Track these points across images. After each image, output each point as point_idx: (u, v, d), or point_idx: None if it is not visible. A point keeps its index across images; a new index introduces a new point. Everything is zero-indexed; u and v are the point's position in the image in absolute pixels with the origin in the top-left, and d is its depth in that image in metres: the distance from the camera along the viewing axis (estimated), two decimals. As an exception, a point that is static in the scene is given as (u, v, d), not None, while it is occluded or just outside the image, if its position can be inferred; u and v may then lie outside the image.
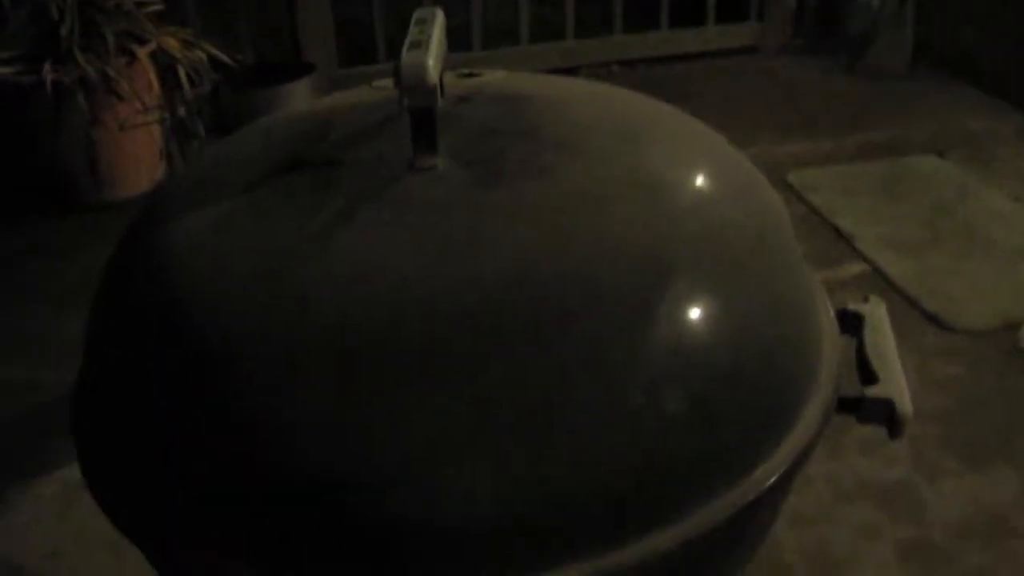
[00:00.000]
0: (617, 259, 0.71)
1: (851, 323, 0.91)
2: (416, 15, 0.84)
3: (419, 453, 0.64)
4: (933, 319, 2.29)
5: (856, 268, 2.52)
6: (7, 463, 1.96)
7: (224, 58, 2.97)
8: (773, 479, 0.72)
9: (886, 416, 0.82)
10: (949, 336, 2.24)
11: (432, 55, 0.74)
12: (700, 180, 0.82)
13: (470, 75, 0.95)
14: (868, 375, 0.85)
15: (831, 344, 0.83)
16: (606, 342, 0.67)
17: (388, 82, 0.90)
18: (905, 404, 0.81)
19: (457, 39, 3.73)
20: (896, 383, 0.83)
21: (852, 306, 0.92)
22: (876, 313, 0.91)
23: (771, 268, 0.79)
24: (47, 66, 2.71)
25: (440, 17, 0.83)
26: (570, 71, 3.75)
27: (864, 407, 0.81)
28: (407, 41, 0.78)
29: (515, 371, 0.65)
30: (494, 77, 0.95)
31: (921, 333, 2.25)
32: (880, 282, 2.45)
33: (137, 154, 2.97)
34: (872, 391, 0.82)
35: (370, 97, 0.92)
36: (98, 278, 0.88)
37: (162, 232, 0.79)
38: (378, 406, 0.65)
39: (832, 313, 0.88)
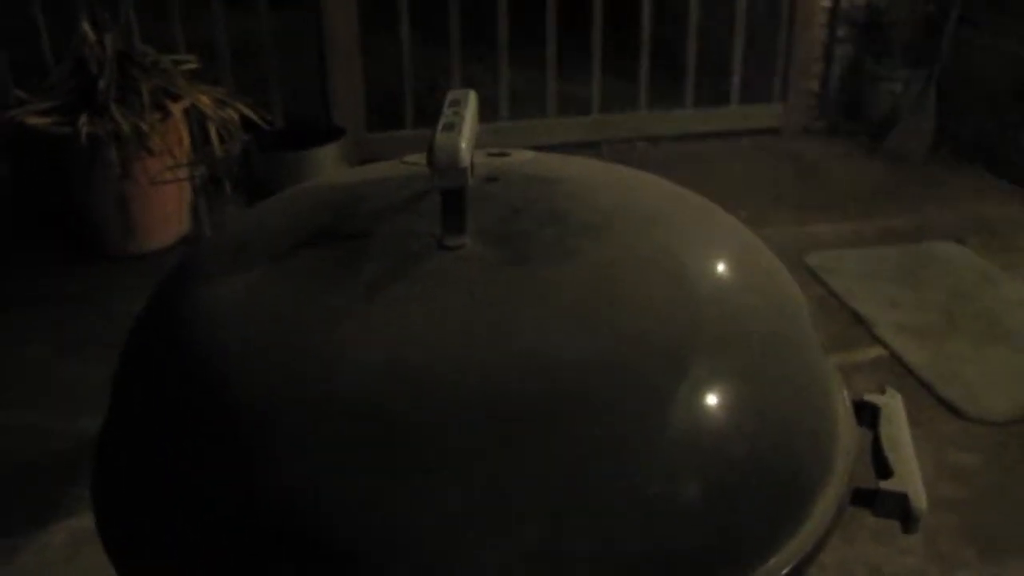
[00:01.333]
0: (638, 346, 0.72)
1: (867, 414, 0.91)
2: (450, 96, 0.86)
3: (436, 535, 0.64)
4: (950, 407, 2.29)
5: (873, 353, 2.52)
6: (17, 509, 1.97)
7: (255, 118, 3.03)
8: (786, 570, 0.72)
9: (900, 511, 0.81)
10: (966, 424, 2.24)
11: (464, 138, 0.77)
12: (721, 268, 0.84)
13: (499, 154, 0.97)
14: (883, 468, 0.85)
15: (847, 435, 0.83)
16: (624, 429, 0.68)
17: (419, 157, 0.92)
18: (920, 499, 0.81)
19: (484, 108, 3.79)
20: (911, 477, 0.83)
21: (868, 397, 0.92)
22: (892, 405, 0.91)
23: (789, 358, 0.80)
24: (83, 118, 2.77)
25: (473, 99, 0.86)
26: (594, 145, 3.81)
27: (878, 501, 0.81)
28: (440, 122, 0.80)
29: (531, 456, 0.66)
30: (522, 157, 0.97)
31: (937, 421, 2.24)
32: (897, 368, 2.45)
33: (165, 208, 3.02)
34: (887, 485, 0.82)
35: (400, 172, 0.94)
36: (124, 335, 0.89)
37: (191, 297, 0.81)
38: (397, 486, 0.65)
39: (849, 404, 0.88)
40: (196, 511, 0.71)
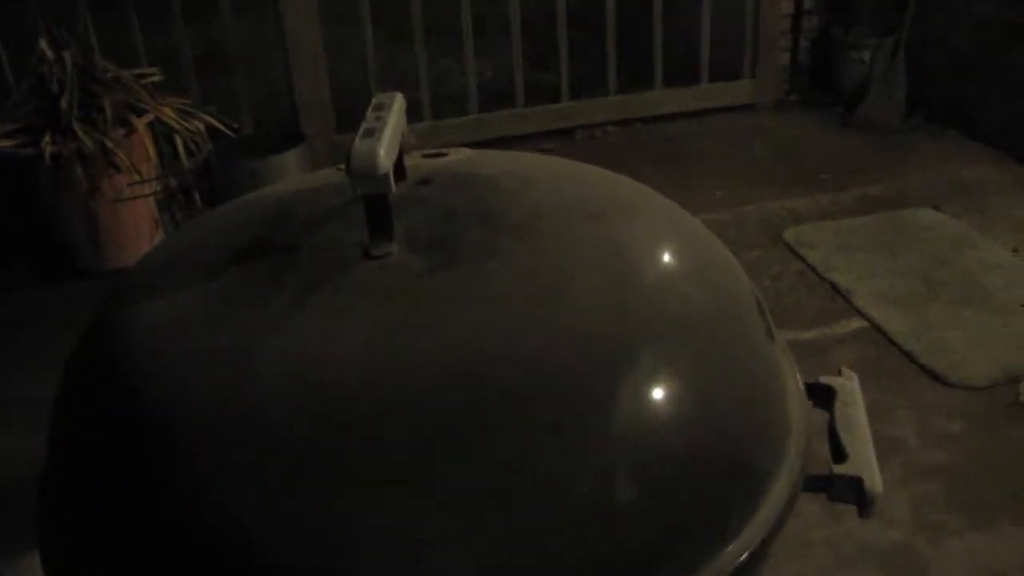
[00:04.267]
0: (569, 344, 0.70)
1: (823, 397, 0.90)
2: (374, 100, 0.84)
3: (368, 549, 0.63)
4: (932, 374, 2.28)
5: (854, 324, 2.51)
6: (-2, 534, 1.95)
7: (221, 127, 3.00)
8: (738, 562, 0.71)
9: (855, 495, 0.80)
10: (949, 391, 2.22)
11: (384, 144, 0.74)
12: (661, 261, 0.82)
13: (436, 155, 0.95)
14: (839, 451, 0.83)
15: (800, 421, 0.82)
16: (557, 430, 0.66)
17: (352, 165, 0.90)
18: (875, 482, 0.80)
19: (454, 103, 3.76)
20: (866, 460, 0.81)
21: (824, 379, 0.91)
22: (848, 386, 0.90)
23: (731, 346, 0.78)
24: (46, 138, 2.74)
25: (399, 103, 0.84)
26: (566, 132, 3.79)
27: (833, 486, 0.80)
28: (361, 128, 0.78)
29: (462, 463, 0.65)
30: (459, 156, 0.95)
31: (921, 389, 2.23)
32: (879, 338, 2.43)
33: (135, 223, 2.99)
34: (841, 469, 0.80)
35: (335, 179, 0.92)
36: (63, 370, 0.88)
37: (122, 324, 0.79)
38: (330, 500, 0.64)
39: (802, 388, 0.87)
40: (129, 542, 0.70)
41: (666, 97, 3.92)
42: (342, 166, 0.97)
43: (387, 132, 0.76)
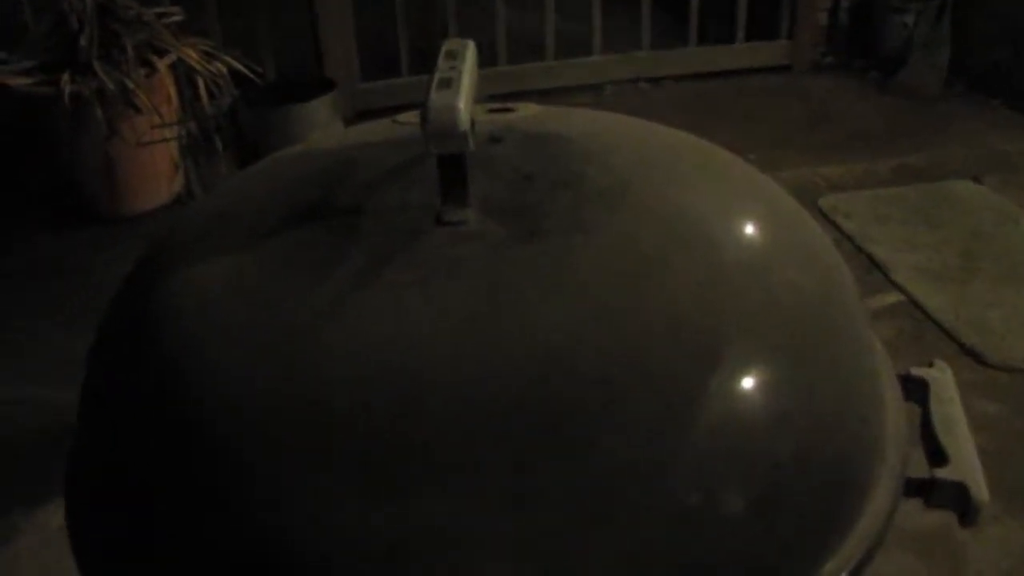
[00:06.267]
0: (667, 335, 0.63)
1: (915, 390, 0.82)
2: (445, 47, 0.76)
3: (444, 562, 0.56)
4: (971, 353, 2.21)
5: (891, 299, 2.44)
6: (16, 487, 1.91)
7: (245, 71, 2.91)
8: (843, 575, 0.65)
9: (958, 502, 0.73)
10: (988, 371, 2.16)
11: (463, 96, 0.67)
12: (757, 238, 0.74)
13: (502, 110, 0.87)
14: (936, 452, 0.76)
15: (897, 420, 0.75)
16: (655, 435, 0.59)
17: (413, 115, 0.82)
18: (980, 489, 0.73)
19: (482, 53, 3.66)
20: (969, 463, 0.75)
21: (916, 371, 0.83)
22: (942, 380, 0.82)
23: (835, 339, 0.71)
24: (65, 77, 2.66)
25: (472, 51, 0.76)
26: (596, 87, 3.69)
27: (934, 491, 0.73)
28: (435, 78, 0.70)
29: (552, 467, 0.58)
30: (527, 112, 0.87)
31: (959, 368, 2.15)
32: (916, 314, 2.36)
33: (154, 167, 2.92)
34: (943, 473, 0.74)
35: (394, 134, 0.84)
36: (100, 321, 0.81)
37: (166, 287, 0.71)
38: (399, 504, 0.57)
39: (896, 381, 0.80)
40: (167, 532, 0.63)
41: (700, 55, 3.82)
42: (399, 118, 0.89)
43: (464, 83, 0.68)
